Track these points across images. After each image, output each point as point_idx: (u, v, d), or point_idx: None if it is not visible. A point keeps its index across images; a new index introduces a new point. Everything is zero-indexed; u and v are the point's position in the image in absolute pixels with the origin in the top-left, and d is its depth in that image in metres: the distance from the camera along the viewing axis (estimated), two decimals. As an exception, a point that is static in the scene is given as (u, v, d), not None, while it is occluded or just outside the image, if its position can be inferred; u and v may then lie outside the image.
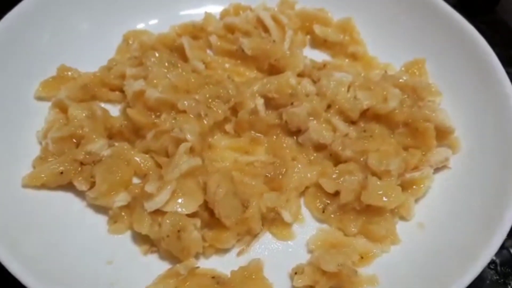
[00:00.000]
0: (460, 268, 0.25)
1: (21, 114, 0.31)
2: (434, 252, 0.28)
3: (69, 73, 0.34)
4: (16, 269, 0.24)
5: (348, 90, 0.34)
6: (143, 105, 0.32)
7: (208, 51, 0.38)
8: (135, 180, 0.31)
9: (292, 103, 0.33)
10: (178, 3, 0.39)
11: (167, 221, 0.27)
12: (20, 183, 0.28)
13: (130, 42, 0.37)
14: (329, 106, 0.33)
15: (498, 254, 0.30)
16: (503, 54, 0.35)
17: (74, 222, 0.28)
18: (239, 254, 0.28)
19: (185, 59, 0.36)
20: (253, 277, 0.27)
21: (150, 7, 0.38)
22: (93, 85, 0.34)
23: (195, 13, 0.39)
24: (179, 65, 0.35)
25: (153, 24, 0.38)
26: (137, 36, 0.38)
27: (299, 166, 0.31)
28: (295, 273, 0.27)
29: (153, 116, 0.32)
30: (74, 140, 0.30)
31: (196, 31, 0.38)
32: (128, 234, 0.29)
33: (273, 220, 0.29)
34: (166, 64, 0.34)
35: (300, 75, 0.35)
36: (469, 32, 0.36)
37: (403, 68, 0.37)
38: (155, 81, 0.32)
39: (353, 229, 0.29)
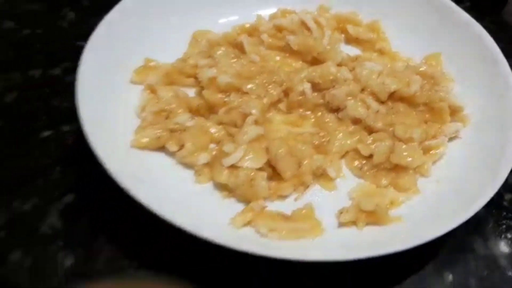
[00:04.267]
0: (469, 203, 0.33)
1: (121, 94, 0.40)
2: (447, 199, 0.36)
3: (152, 63, 0.43)
4: (144, 197, 0.31)
5: (377, 77, 0.42)
6: (215, 88, 0.40)
7: (261, 47, 0.46)
8: (211, 146, 0.39)
9: (333, 87, 0.41)
10: (236, 8, 0.48)
11: (241, 173, 0.36)
12: (127, 144, 0.37)
13: (199, 40, 0.46)
14: (363, 89, 0.41)
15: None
16: (506, 48, 0.43)
17: (168, 175, 0.37)
18: (296, 199, 0.36)
19: (244, 53, 0.44)
20: (307, 215, 0.35)
21: (217, 10, 0.47)
22: (172, 73, 0.42)
23: (250, 16, 0.48)
24: (240, 57, 0.43)
25: (220, 23, 0.47)
26: (203, 35, 0.46)
27: (340, 135, 0.39)
28: (340, 213, 0.35)
29: (223, 97, 0.40)
30: (165, 114, 0.39)
31: (251, 31, 0.47)
32: (210, 184, 0.37)
33: (320, 175, 0.37)
34: (231, 56, 0.43)
35: (338, 65, 0.43)
36: (477, 31, 0.44)
37: (423, 60, 0.45)
38: (223, 69, 0.41)
39: (384, 182, 0.37)
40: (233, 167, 0.36)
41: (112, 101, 0.38)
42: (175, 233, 0.30)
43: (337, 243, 0.33)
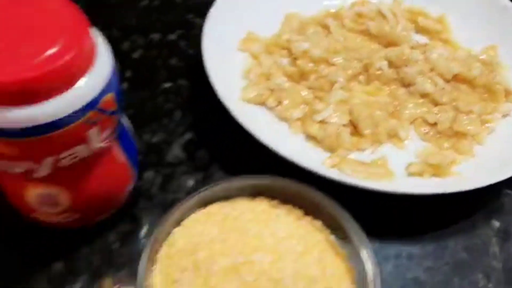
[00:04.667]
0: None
1: (230, 59, 0.48)
2: (497, 162, 0.43)
3: (253, 36, 0.51)
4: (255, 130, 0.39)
5: (444, 61, 0.50)
6: (307, 59, 0.49)
7: (343, 30, 0.54)
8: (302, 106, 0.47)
9: (406, 65, 0.49)
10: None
11: (329, 127, 0.44)
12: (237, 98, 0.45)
13: (291, 20, 0.54)
14: (431, 69, 0.49)
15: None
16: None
17: (266, 127, 0.45)
18: (372, 152, 0.44)
19: (329, 33, 0.52)
20: (382, 164, 0.43)
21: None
22: (270, 45, 0.51)
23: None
24: (327, 36, 0.52)
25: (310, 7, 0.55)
26: (295, 16, 0.54)
27: (410, 105, 0.47)
28: (409, 165, 0.43)
29: (313, 66, 0.49)
30: (266, 77, 0.47)
31: (335, 15, 0.55)
32: (301, 135, 0.45)
33: (393, 136, 0.45)
34: (320, 35, 0.51)
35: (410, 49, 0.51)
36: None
37: (482, 50, 0.53)
38: (315, 44, 0.49)
39: (446, 146, 0.45)
40: (322, 122, 0.44)
41: (225, 63, 0.47)
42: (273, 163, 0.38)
43: (407, 185, 0.40)
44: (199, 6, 0.54)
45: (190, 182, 0.42)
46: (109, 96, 0.29)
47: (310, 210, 0.31)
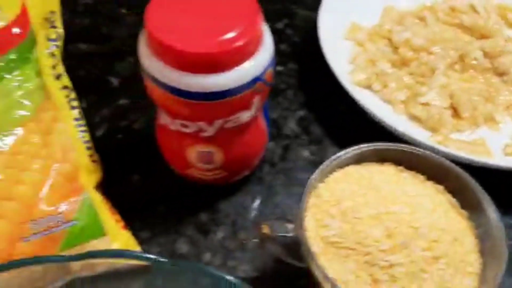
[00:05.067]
0: None
1: (338, 48, 0.53)
2: None
3: (357, 26, 0.57)
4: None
5: (536, 53, 0.53)
6: (408, 48, 0.53)
7: (438, 23, 0.58)
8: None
9: (500, 56, 0.53)
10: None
11: (433, 109, 0.48)
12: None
13: (389, 12, 0.59)
14: (524, 60, 0.53)
15: None
16: None
17: (373, 107, 0.50)
18: (470, 133, 0.49)
19: (426, 25, 0.57)
20: (480, 143, 0.47)
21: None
22: (372, 34, 0.56)
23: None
24: (424, 28, 0.56)
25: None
26: (392, 9, 0.59)
27: (505, 92, 0.51)
28: (506, 146, 0.47)
29: (414, 54, 0.53)
30: (372, 62, 0.52)
31: (430, 9, 0.59)
32: (403, 116, 0.50)
33: (489, 119, 0.50)
34: (418, 26, 0.56)
35: (503, 41, 0.55)
36: None
37: None
38: (415, 34, 0.54)
39: (539, 130, 0.49)
40: (425, 104, 0.49)
41: (334, 50, 0.52)
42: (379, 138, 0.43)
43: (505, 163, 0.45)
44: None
45: (306, 153, 0.47)
46: (270, 70, 0.35)
47: (432, 176, 0.36)
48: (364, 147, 0.37)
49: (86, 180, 0.38)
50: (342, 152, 0.36)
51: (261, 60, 0.33)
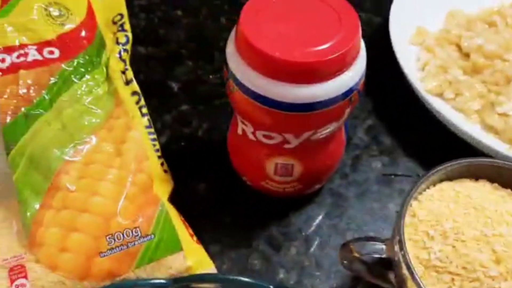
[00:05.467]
0: None
1: (405, 54, 0.51)
2: None
3: (423, 31, 0.54)
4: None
5: None
6: (480, 54, 0.51)
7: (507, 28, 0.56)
8: (476, 98, 0.49)
9: None
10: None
11: (510, 119, 0.46)
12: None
13: (455, 16, 0.56)
14: None
15: None
16: None
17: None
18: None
19: (496, 30, 0.54)
20: None
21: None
22: (440, 39, 0.53)
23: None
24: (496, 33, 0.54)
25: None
26: (458, 13, 0.56)
27: None
28: None
29: (487, 61, 0.51)
30: (443, 69, 0.50)
31: (499, 13, 0.57)
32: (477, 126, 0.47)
33: None
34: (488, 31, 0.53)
35: None
36: None
37: None
38: (488, 40, 0.51)
39: None
40: (502, 114, 0.46)
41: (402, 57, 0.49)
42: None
43: None
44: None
45: (377, 164, 0.45)
46: (363, 79, 0.33)
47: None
48: (458, 163, 0.34)
49: (159, 190, 0.37)
50: (435, 169, 0.34)
51: (358, 69, 0.31)
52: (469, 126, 0.46)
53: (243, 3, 0.54)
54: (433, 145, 0.46)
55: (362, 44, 0.32)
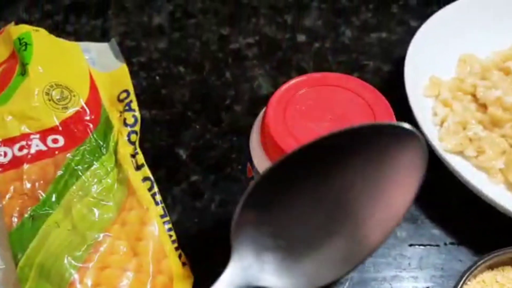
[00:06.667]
0: None
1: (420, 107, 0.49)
2: None
3: (437, 81, 0.52)
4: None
5: None
6: (499, 106, 0.49)
7: (521, 72, 0.54)
8: (497, 154, 0.47)
9: None
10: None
11: (537, 179, 0.44)
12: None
13: (467, 61, 0.55)
14: None
15: None
16: None
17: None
18: None
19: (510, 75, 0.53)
20: None
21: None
22: (454, 89, 0.52)
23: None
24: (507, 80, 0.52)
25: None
26: (470, 58, 0.55)
27: None
28: None
29: (506, 114, 0.49)
30: (462, 125, 0.48)
31: (509, 59, 0.55)
32: (501, 185, 0.45)
33: None
34: (505, 79, 0.52)
35: None
36: None
37: None
38: (506, 91, 0.50)
39: None
40: (528, 172, 0.45)
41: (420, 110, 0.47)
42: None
43: None
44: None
45: (402, 234, 0.43)
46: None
47: None
48: (504, 252, 0.32)
49: (180, 290, 0.34)
50: (478, 263, 0.32)
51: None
52: (492, 187, 0.44)
53: (247, 55, 0.52)
54: (455, 208, 0.44)
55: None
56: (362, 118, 0.29)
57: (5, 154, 0.35)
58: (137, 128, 0.39)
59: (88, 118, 0.38)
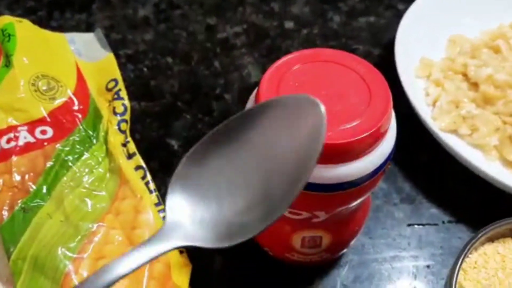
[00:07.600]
0: None
1: (412, 88, 0.49)
2: None
3: (427, 62, 0.52)
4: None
5: None
6: (490, 84, 0.49)
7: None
8: (490, 132, 0.47)
9: None
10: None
11: (532, 154, 0.44)
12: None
13: (456, 42, 0.54)
14: None
15: None
16: None
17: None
18: None
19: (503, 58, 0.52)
20: None
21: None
22: (446, 70, 0.51)
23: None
24: (497, 59, 0.52)
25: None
26: (460, 39, 0.55)
27: None
28: None
29: (498, 91, 0.49)
30: (454, 104, 0.48)
31: (499, 36, 0.55)
32: (496, 162, 0.45)
33: None
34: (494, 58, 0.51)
35: None
36: None
37: None
38: (497, 69, 0.49)
39: None
40: (522, 148, 0.44)
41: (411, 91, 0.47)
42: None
43: None
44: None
45: (400, 215, 0.43)
46: (393, 148, 0.30)
47: None
48: (506, 223, 0.32)
49: (179, 278, 0.33)
50: (478, 235, 0.32)
51: (391, 139, 0.29)
52: (488, 164, 0.44)
53: (235, 44, 0.52)
54: (453, 187, 0.44)
55: (393, 121, 0.30)
56: (357, 92, 0.28)
57: (-8, 147, 0.34)
58: (127, 116, 0.39)
59: (76, 108, 0.37)
